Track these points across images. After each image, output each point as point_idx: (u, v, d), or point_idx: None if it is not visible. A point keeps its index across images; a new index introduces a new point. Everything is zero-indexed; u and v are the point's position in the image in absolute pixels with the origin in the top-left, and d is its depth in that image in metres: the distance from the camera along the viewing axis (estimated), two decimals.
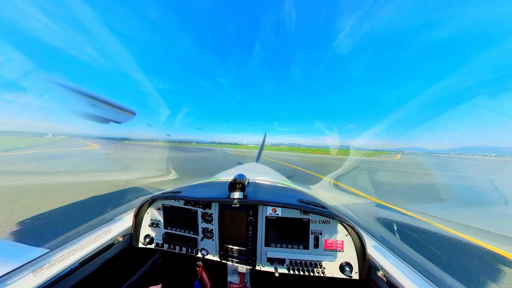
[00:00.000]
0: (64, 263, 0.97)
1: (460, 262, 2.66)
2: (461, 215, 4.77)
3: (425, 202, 5.84)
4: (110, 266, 1.21)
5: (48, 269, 0.91)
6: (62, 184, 6.06)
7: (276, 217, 1.25)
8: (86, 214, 3.83)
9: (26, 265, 0.90)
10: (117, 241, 1.28)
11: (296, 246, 1.23)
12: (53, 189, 5.52)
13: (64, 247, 1.05)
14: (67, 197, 4.76)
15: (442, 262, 2.61)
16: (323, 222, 1.22)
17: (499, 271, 2.55)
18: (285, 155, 32.61)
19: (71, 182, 6.52)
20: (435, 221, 4.16)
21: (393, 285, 0.90)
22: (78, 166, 11.21)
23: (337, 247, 1.19)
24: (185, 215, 1.40)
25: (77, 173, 8.34)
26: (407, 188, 7.91)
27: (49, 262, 0.94)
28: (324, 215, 1.15)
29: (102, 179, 7.18)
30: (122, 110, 1.80)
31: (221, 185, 1.57)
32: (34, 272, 0.88)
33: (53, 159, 14.19)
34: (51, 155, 17.79)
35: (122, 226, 1.41)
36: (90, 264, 1.07)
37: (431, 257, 2.69)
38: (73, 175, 7.90)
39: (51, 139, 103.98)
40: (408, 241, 3.08)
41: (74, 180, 6.78)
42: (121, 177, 7.93)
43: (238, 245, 1.29)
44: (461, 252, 2.94)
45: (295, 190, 1.68)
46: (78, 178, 7.28)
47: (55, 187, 5.68)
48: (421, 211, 4.79)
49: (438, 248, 2.99)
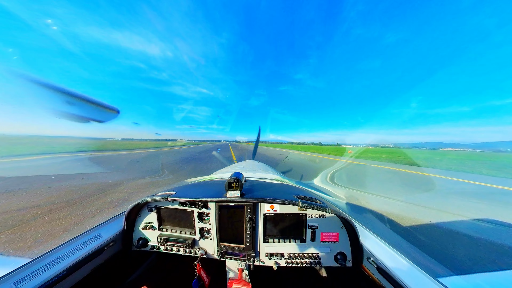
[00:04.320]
0: (49, 271, 0.90)
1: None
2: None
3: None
4: (101, 271, 1.16)
5: (32, 279, 0.84)
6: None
7: (274, 214, 1.27)
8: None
9: (6, 277, 0.82)
10: (108, 246, 1.23)
11: (294, 240, 1.27)
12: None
13: (48, 255, 0.97)
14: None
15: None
16: (320, 216, 1.26)
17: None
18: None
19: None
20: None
21: (382, 269, 0.98)
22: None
23: (332, 239, 1.25)
24: (181, 216, 1.37)
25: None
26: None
27: (33, 271, 0.87)
28: (320, 210, 1.19)
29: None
30: (104, 108, 1.66)
31: (218, 184, 1.55)
32: (16, 283, 0.81)
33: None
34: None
35: (113, 230, 1.34)
36: (79, 271, 1.01)
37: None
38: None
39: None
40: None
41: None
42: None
43: (237, 243, 1.30)
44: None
45: (292, 187, 1.72)
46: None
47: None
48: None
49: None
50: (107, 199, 4.99)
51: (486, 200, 5.83)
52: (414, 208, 4.69)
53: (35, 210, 4.16)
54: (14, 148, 36.04)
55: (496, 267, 2.52)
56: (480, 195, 6.45)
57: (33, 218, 3.78)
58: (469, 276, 1.01)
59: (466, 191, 6.98)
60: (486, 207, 4.98)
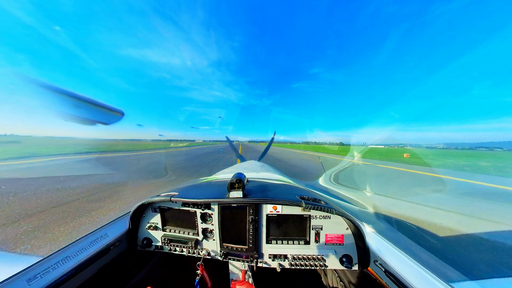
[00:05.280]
0: (59, 270, 0.93)
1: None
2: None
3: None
4: (108, 270, 1.19)
5: (43, 277, 0.88)
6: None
7: (277, 215, 1.25)
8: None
9: (19, 274, 0.86)
10: (114, 246, 1.25)
11: (297, 241, 1.24)
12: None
13: (58, 254, 1.01)
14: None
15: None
16: (324, 217, 1.23)
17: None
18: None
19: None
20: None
21: (390, 273, 0.93)
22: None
23: (337, 240, 1.21)
24: (184, 217, 1.38)
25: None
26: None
27: (44, 269, 0.90)
28: (324, 210, 1.16)
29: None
30: (109, 110, 1.70)
31: (220, 185, 1.54)
32: (28, 281, 0.84)
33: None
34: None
35: (118, 230, 1.36)
36: (86, 269, 1.04)
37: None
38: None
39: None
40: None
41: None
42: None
43: (240, 244, 1.29)
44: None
45: (295, 187, 1.69)
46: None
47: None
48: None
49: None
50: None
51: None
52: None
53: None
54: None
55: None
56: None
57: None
58: (485, 281, 0.95)
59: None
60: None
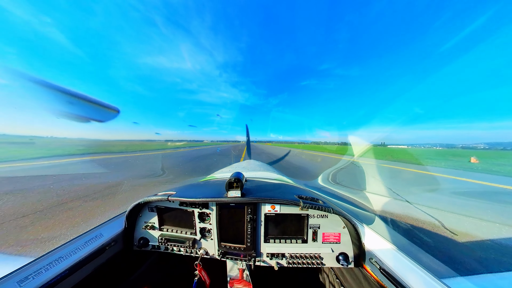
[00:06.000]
0: (52, 270, 0.91)
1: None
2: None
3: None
4: (103, 271, 1.17)
5: (35, 278, 0.85)
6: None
7: (275, 214, 1.26)
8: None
9: (9, 276, 0.83)
10: (110, 246, 1.23)
11: (295, 240, 1.26)
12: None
13: (51, 254, 0.98)
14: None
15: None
16: (321, 216, 1.25)
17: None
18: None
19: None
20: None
21: (385, 270, 0.96)
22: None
23: (334, 239, 1.23)
24: (182, 216, 1.37)
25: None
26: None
27: (36, 270, 0.88)
28: (322, 210, 1.17)
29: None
30: (104, 107, 1.65)
31: (218, 184, 1.54)
32: (19, 282, 0.82)
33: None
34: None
35: (114, 230, 1.34)
36: (81, 270, 1.02)
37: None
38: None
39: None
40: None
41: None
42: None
43: (238, 243, 1.29)
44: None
45: (293, 187, 1.70)
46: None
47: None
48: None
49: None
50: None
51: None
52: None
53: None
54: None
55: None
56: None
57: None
58: (474, 277, 0.99)
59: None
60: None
